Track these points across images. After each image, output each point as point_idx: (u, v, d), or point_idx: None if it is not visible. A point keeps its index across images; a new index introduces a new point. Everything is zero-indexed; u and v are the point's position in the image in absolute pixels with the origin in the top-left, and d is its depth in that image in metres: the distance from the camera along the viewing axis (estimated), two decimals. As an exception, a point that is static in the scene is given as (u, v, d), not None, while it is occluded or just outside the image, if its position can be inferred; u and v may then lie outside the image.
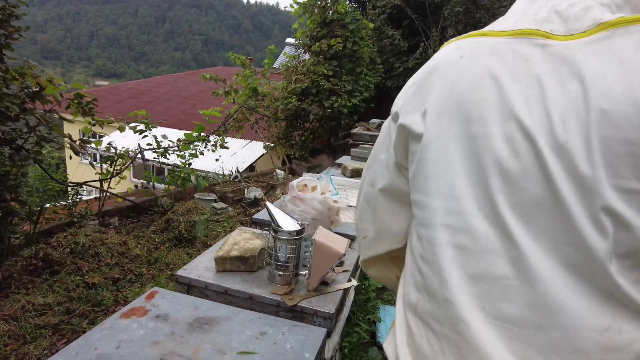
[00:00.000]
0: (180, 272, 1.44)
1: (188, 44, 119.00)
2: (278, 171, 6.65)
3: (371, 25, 7.80)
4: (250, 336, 1.11)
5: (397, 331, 0.73)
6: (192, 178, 5.02)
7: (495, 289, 0.59)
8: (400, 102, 0.76)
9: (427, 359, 0.65)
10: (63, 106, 3.35)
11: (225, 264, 1.45)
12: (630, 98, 0.51)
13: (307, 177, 1.82)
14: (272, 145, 7.94)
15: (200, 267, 1.48)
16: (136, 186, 8.84)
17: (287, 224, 1.38)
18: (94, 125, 3.74)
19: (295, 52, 7.94)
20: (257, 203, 5.12)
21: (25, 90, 2.93)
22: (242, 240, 1.52)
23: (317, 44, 7.03)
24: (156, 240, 3.92)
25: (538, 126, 0.56)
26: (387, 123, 0.80)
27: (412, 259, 0.72)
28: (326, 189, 1.78)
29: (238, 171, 6.73)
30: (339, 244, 1.38)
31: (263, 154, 10.52)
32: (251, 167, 10.41)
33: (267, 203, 1.44)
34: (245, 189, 5.51)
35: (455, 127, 0.63)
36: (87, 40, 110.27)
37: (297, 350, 1.08)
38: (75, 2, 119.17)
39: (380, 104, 12.73)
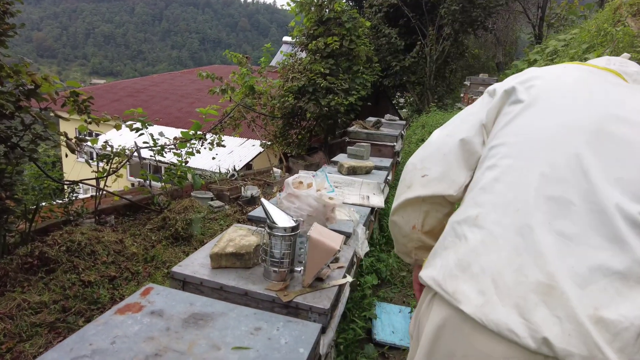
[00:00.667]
0: (175, 269, 1.44)
1: (185, 43, 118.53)
2: (275, 169, 6.65)
3: (368, 24, 7.81)
4: (245, 332, 1.12)
5: (442, 248, 0.86)
6: (189, 176, 5.02)
7: (564, 211, 0.73)
8: (498, 84, 0.97)
9: (479, 256, 0.76)
10: (59, 104, 3.34)
11: (220, 261, 1.45)
12: None
13: (302, 174, 1.82)
14: (269, 143, 7.94)
15: (196, 264, 1.48)
16: (133, 184, 8.82)
17: (282, 220, 1.39)
18: (90, 123, 3.72)
19: (292, 50, 7.94)
20: (253, 201, 5.12)
21: (21, 88, 2.92)
22: (238, 236, 1.52)
23: (314, 42, 7.03)
24: (153, 238, 3.92)
25: (617, 114, 0.79)
26: (480, 98, 1.01)
27: (476, 187, 0.86)
28: (322, 186, 1.78)
29: (235, 169, 6.72)
30: (334, 241, 1.39)
31: (260, 152, 10.52)
32: (248, 166, 10.40)
33: (263, 200, 1.44)
34: (242, 187, 5.51)
35: (554, 99, 0.85)
36: (83, 39, 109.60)
37: (292, 345, 1.08)
38: (71, 0, 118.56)
39: (377, 102, 12.73)
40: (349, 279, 1.52)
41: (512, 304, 0.69)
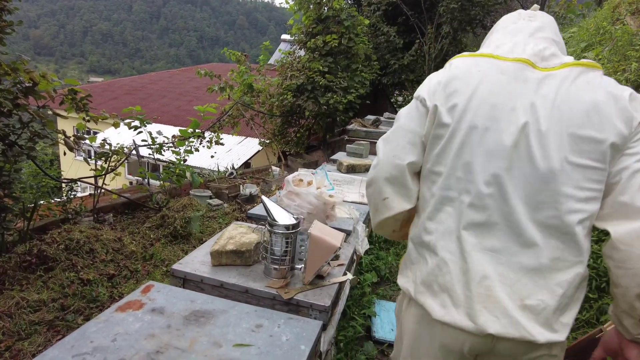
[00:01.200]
0: (175, 267, 1.44)
1: (183, 41, 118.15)
2: (273, 167, 6.64)
3: (366, 22, 7.79)
4: (246, 329, 1.12)
5: (410, 262, 1.11)
6: (188, 174, 5.01)
7: (490, 232, 0.96)
8: (426, 91, 1.08)
9: (436, 277, 1.01)
10: (57, 102, 3.32)
11: (221, 258, 1.45)
12: (578, 100, 0.92)
13: (302, 172, 1.82)
14: (268, 141, 7.92)
15: (196, 262, 1.48)
16: (131, 183, 8.78)
17: (283, 217, 1.38)
18: (88, 121, 3.71)
19: (291, 48, 7.92)
20: (252, 199, 5.12)
21: (18, 86, 2.90)
22: (238, 234, 1.52)
23: (313, 40, 7.01)
24: (151, 236, 3.91)
25: (530, 124, 0.93)
26: (414, 103, 1.11)
27: (424, 214, 1.06)
28: (322, 184, 1.78)
29: (233, 167, 6.71)
30: (335, 238, 1.39)
31: (258, 151, 10.50)
32: (247, 164, 10.39)
33: (263, 197, 1.44)
34: (241, 186, 5.50)
35: (476, 121, 0.97)
36: (80, 36, 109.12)
37: (293, 342, 1.08)
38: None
39: (375, 100, 12.72)
40: (349, 276, 1.52)
41: (464, 313, 0.97)
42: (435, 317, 1.00)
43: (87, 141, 3.89)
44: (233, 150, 10.93)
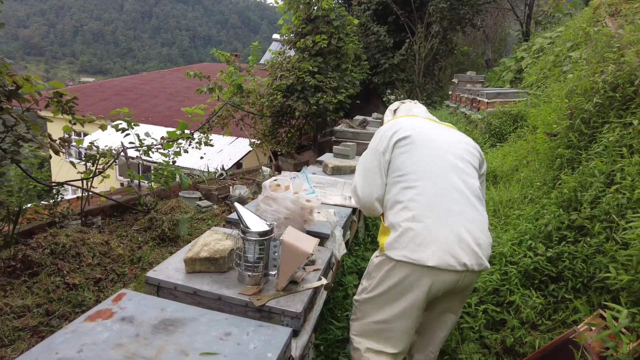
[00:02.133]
0: (150, 274, 1.45)
1: (175, 40, 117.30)
2: (264, 168, 6.64)
3: (356, 22, 7.78)
4: (214, 337, 1.13)
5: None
6: (177, 176, 4.99)
7: (452, 200, 1.55)
8: (385, 143, 1.73)
9: (424, 235, 1.48)
10: (42, 105, 3.30)
11: (194, 265, 1.46)
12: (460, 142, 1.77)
13: (280, 177, 1.83)
14: (258, 142, 7.91)
15: (171, 268, 1.49)
16: (122, 184, 8.74)
17: (256, 224, 1.39)
18: (74, 124, 3.69)
19: (281, 48, 7.90)
20: (242, 201, 5.12)
21: (1, 89, 2.88)
22: (213, 241, 1.53)
23: (302, 40, 7.00)
24: (139, 239, 3.90)
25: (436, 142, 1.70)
26: (376, 155, 1.72)
27: (403, 199, 1.58)
28: (299, 189, 1.79)
29: (223, 168, 6.70)
30: (307, 244, 1.40)
31: (250, 151, 10.48)
32: (238, 164, 10.37)
33: (236, 204, 1.45)
34: (231, 187, 5.50)
35: (419, 140, 1.68)
36: (71, 36, 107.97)
37: (260, 350, 1.09)
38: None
39: (366, 100, 12.74)
40: (324, 281, 1.54)
41: (449, 254, 1.44)
42: (431, 264, 1.43)
43: (74, 144, 3.87)
44: (224, 151, 10.91)
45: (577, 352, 1.52)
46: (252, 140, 7.99)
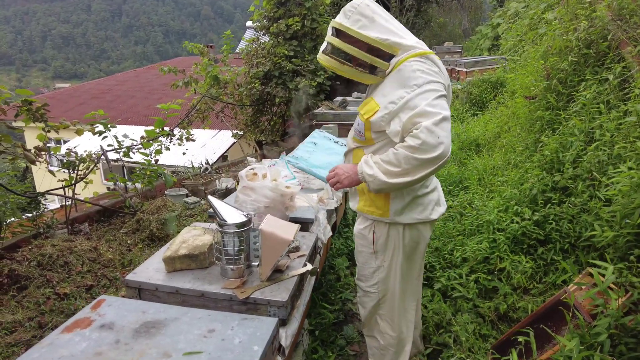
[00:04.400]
0: (129, 277, 1.40)
1: (149, 37, 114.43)
2: (249, 158, 6.55)
3: (327, 1, 7.64)
4: (198, 335, 1.10)
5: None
6: (161, 175, 4.90)
7: None
8: (443, 90, 1.59)
9: (437, 196, 1.79)
10: (10, 115, 3.19)
11: (174, 264, 1.42)
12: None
13: (257, 166, 1.79)
14: (241, 133, 7.81)
15: (151, 269, 1.45)
16: (108, 188, 8.59)
17: (232, 216, 1.35)
18: (48, 131, 3.59)
19: (255, 35, 7.74)
20: (229, 193, 5.05)
21: (-38, 102, 2.77)
22: (191, 237, 1.48)
23: (275, 25, 6.87)
24: (128, 242, 3.85)
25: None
26: (446, 102, 1.61)
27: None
28: (277, 176, 1.75)
29: (208, 163, 6.61)
30: (287, 231, 1.37)
31: (233, 143, 10.36)
32: (224, 157, 10.25)
33: (210, 197, 1.40)
34: (217, 180, 5.43)
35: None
36: (40, 42, 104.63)
37: (246, 344, 1.07)
38: (21, 1, 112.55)
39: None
40: (309, 267, 1.51)
41: (443, 206, 1.83)
42: (436, 216, 1.70)
43: (52, 152, 3.77)
44: (208, 145, 10.77)
45: (567, 312, 1.52)
46: (235, 131, 7.88)
